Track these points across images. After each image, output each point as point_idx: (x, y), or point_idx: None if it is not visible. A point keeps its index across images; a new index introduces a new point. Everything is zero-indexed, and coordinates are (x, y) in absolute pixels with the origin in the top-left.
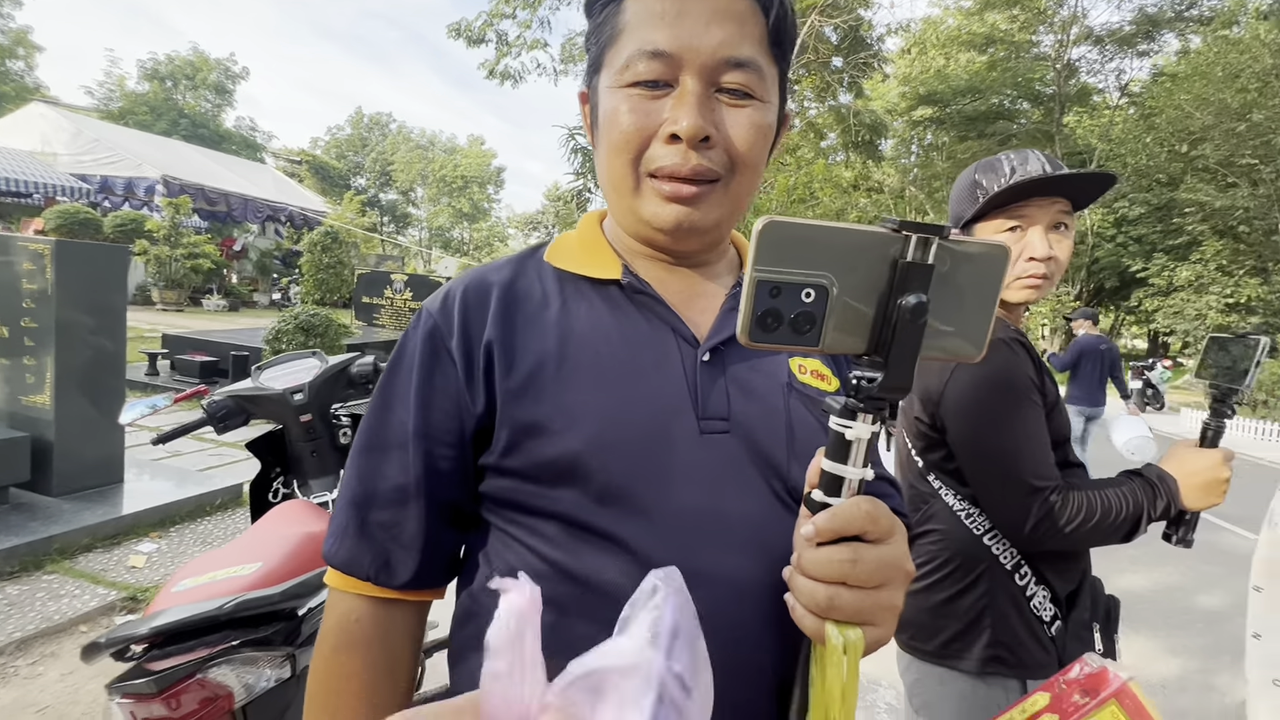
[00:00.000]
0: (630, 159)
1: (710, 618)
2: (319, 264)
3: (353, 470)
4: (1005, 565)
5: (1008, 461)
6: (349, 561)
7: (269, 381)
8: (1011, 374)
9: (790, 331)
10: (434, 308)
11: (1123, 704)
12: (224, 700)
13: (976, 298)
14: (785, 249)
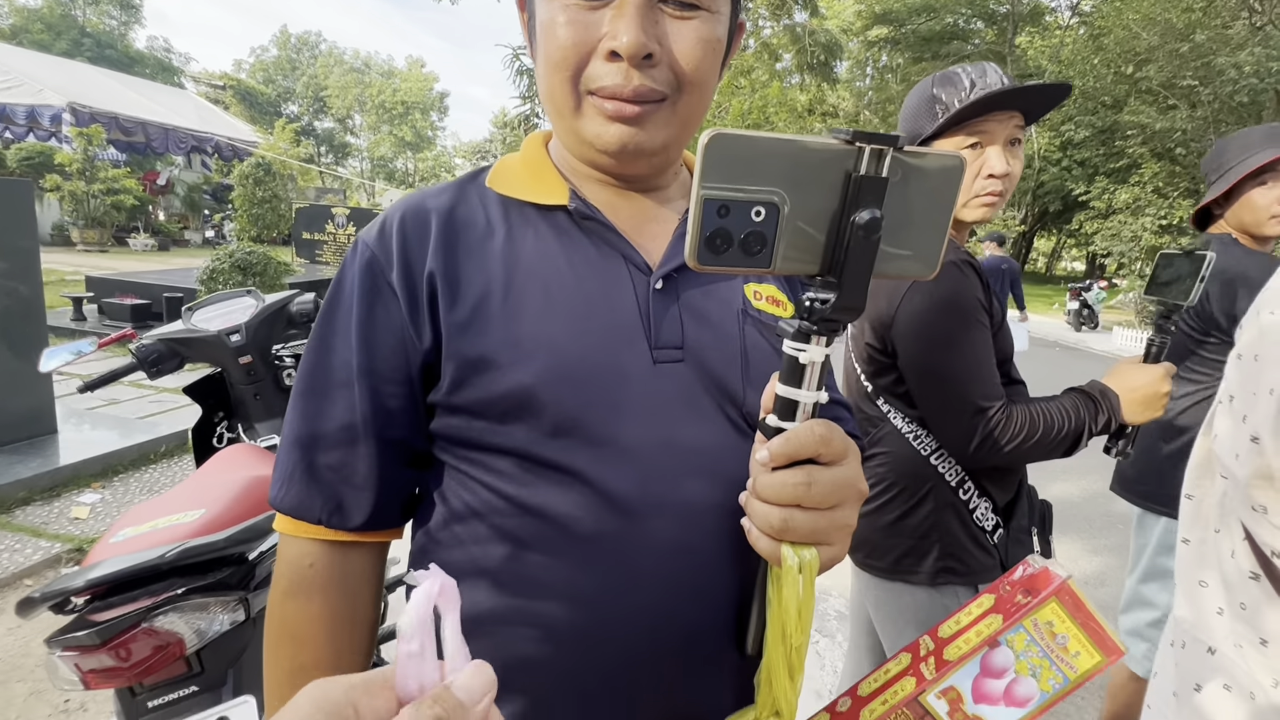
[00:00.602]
0: (569, 76)
1: (669, 544)
2: (253, 198)
3: (295, 412)
4: (950, 482)
5: (955, 383)
6: (298, 506)
7: (202, 323)
8: (961, 296)
9: (740, 253)
10: (370, 238)
11: (1062, 600)
12: (175, 647)
13: (930, 213)
14: (733, 164)
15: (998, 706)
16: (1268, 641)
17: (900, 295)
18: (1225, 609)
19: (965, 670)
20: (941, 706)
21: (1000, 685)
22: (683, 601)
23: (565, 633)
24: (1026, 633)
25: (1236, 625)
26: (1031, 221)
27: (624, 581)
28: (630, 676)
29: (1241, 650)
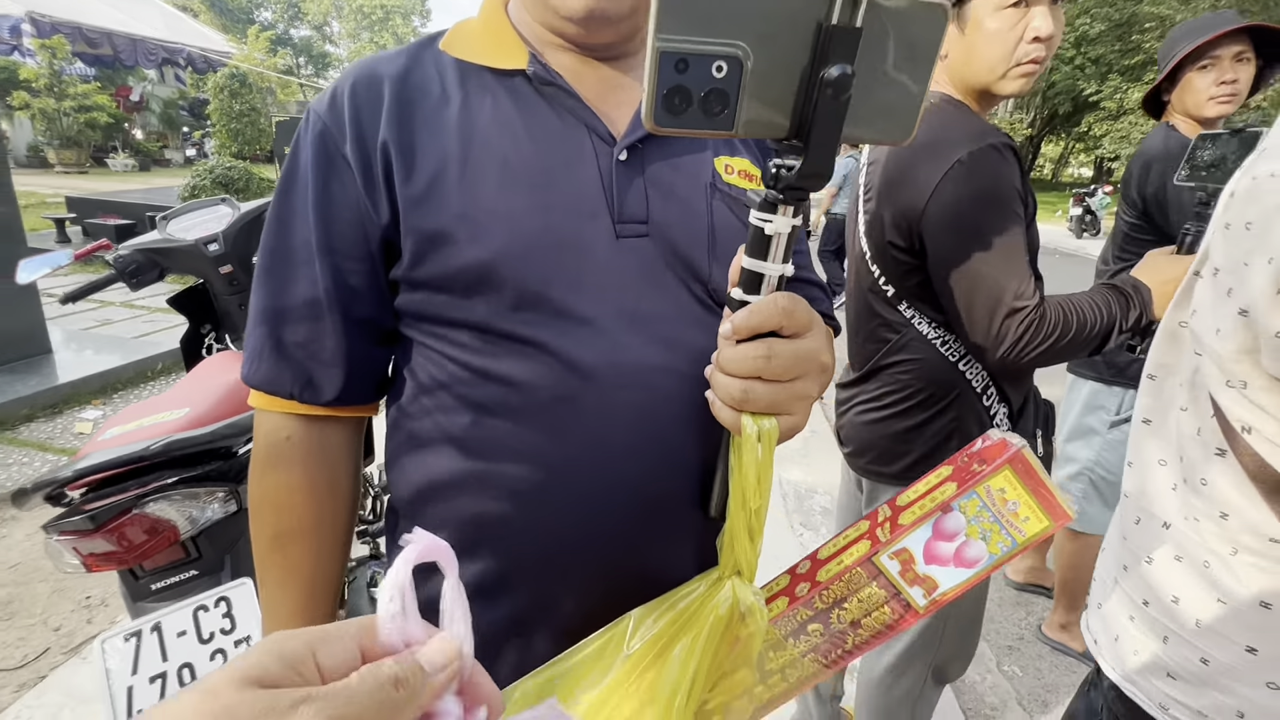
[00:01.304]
0: None
1: (631, 413)
2: (230, 111)
3: (260, 290)
4: (975, 388)
5: (988, 281)
6: (269, 381)
7: (179, 232)
8: (1000, 185)
9: (700, 113)
10: (322, 108)
11: (1015, 468)
12: (169, 533)
13: (909, 68)
14: (692, 12)
15: (947, 567)
16: (1228, 515)
17: (933, 185)
18: (1182, 485)
19: (918, 534)
20: (894, 566)
21: (950, 548)
22: (646, 467)
23: (529, 494)
24: (979, 499)
25: (1194, 500)
26: (1040, 125)
27: (586, 447)
28: (595, 538)
29: (1198, 523)
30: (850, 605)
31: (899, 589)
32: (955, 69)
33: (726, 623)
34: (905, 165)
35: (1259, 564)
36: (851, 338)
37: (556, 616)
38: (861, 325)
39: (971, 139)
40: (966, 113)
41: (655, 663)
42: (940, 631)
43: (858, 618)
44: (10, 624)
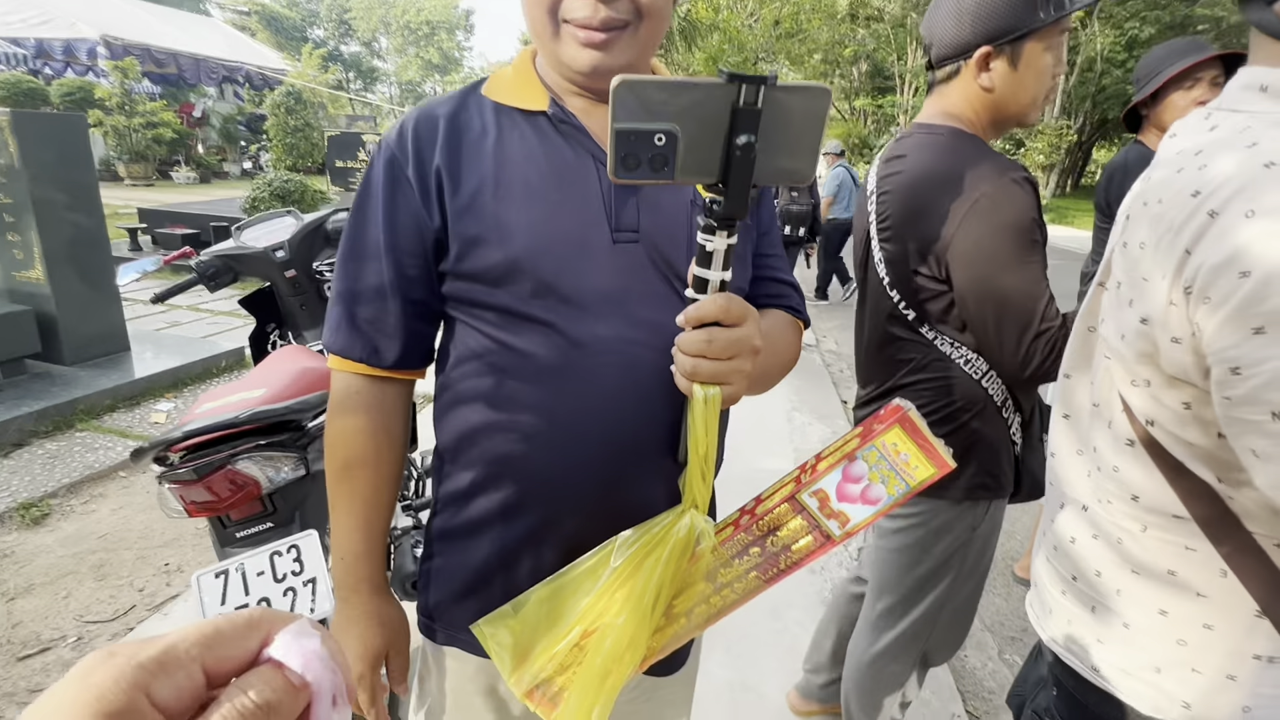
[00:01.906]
0: (547, 9)
1: (619, 377)
2: (286, 127)
3: (339, 275)
4: (996, 402)
5: (1015, 307)
6: (344, 348)
7: (250, 240)
8: (1022, 217)
9: (648, 169)
10: (391, 140)
11: (903, 426)
12: (253, 487)
13: (804, 131)
14: (638, 104)
15: (855, 504)
16: (1138, 497)
17: (959, 218)
18: (1095, 472)
19: (831, 477)
20: (813, 503)
21: (857, 489)
22: (628, 420)
23: (539, 440)
24: (877, 450)
25: (1107, 484)
26: (1089, 131)
27: (583, 403)
28: (588, 473)
29: (1111, 505)
30: (781, 533)
31: (818, 521)
32: (998, 103)
33: (685, 545)
34: (926, 198)
35: (1165, 538)
36: (867, 358)
37: (560, 535)
38: (879, 347)
39: (993, 173)
40: (980, 145)
41: (633, 575)
42: (934, 620)
43: (787, 544)
44: (103, 584)
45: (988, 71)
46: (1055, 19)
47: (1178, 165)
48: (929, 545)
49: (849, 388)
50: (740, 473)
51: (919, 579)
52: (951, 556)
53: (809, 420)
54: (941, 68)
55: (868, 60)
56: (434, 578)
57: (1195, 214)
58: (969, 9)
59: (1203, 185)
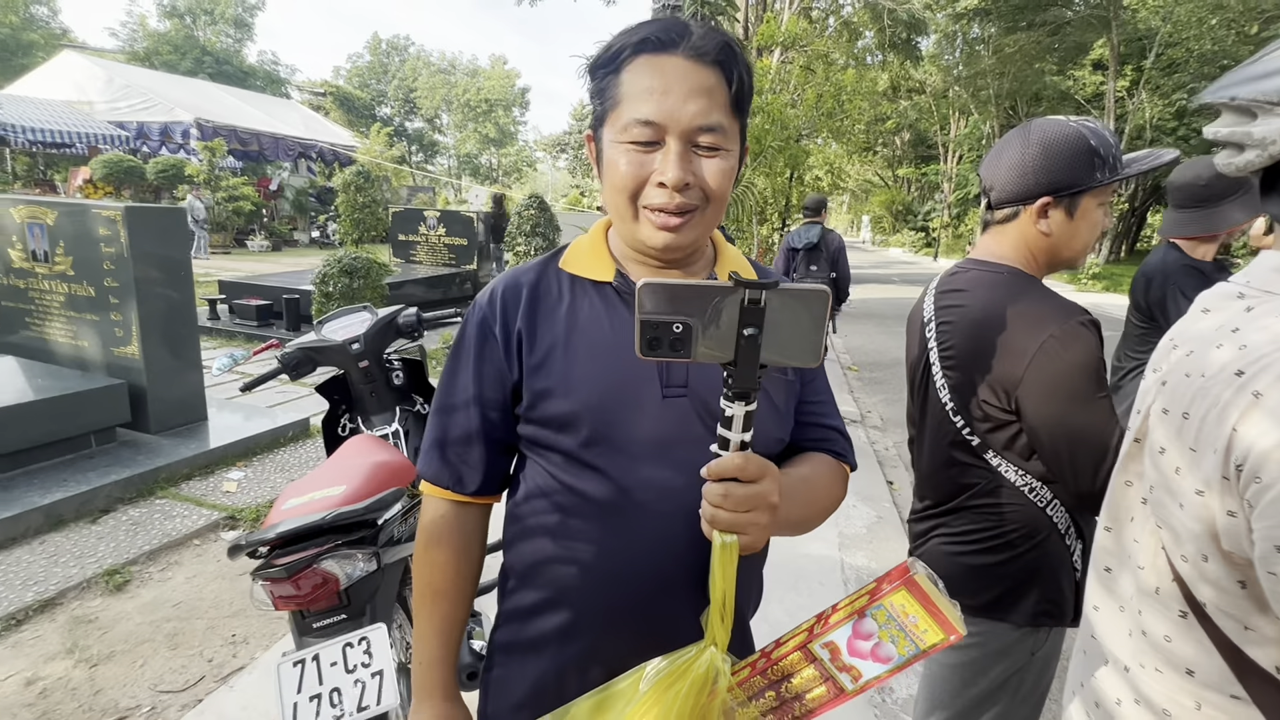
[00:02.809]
0: (629, 197)
1: (662, 519)
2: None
3: (434, 413)
4: (1060, 529)
5: (1089, 441)
6: (436, 476)
7: (330, 334)
8: (1090, 357)
9: (669, 349)
10: (484, 302)
11: (910, 590)
12: (333, 584)
13: (809, 323)
14: (659, 302)
15: (866, 660)
16: (1193, 672)
17: (1030, 356)
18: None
19: (841, 631)
20: (824, 654)
21: (867, 645)
22: (666, 557)
23: (594, 572)
24: (885, 610)
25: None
26: (1142, 197)
27: (631, 542)
28: (635, 605)
29: (1161, 675)
30: (795, 681)
31: (830, 673)
32: (1053, 247)
33: (703, 681)
34: (994, 334)
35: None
36: (927, 476)
37: (607, 655)
38: (939, 466)
39: (1061, 315)
40: (1042, 287)
41: (658, 702)
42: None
43: (800, 692)
44: (176, 653)
45: (1045, 219)
46: (1109, 181)
47: (1215, 341)
48: (986, 667)
49: (894, 468)
50: (785, 559)
51: (973, 699)
52: (1009, 679)
53: (853, 502)
54: (1001, 209)
55: (910, 130)
56: (494, 688)
57: (1240, 393)
58: (1033, 165)
59: (1245, 366)
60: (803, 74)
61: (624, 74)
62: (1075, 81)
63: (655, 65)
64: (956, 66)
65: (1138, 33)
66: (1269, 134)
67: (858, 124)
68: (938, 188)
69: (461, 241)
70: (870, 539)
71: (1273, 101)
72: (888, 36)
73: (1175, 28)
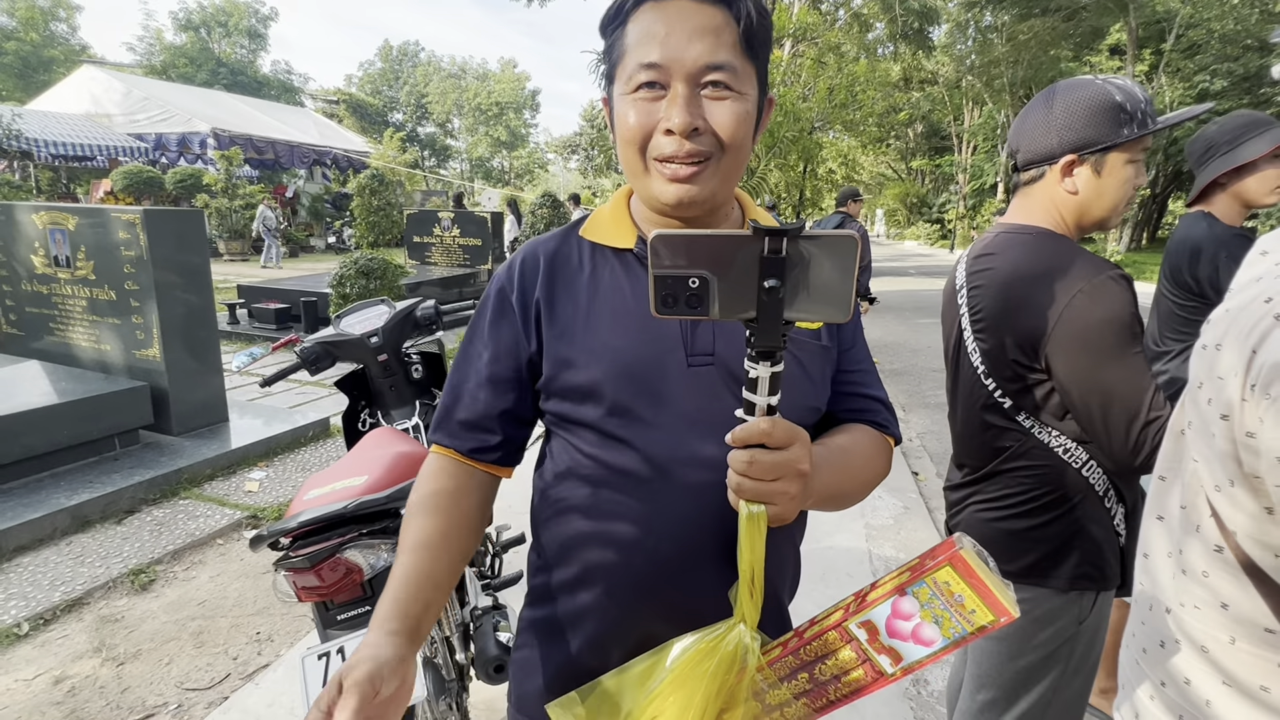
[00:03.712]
0: (638, 149)
1: (691, 490)
2: (369, 207)
3: (451, 376)
4: (1098, 491)
5: (1121, 397)
6: (441, 438)
7: (348, 328)
8: (1123, 311)
9: (686, 307)
10: (502, 273)
11: (955, 566)
12: (355, 574)
13: (836, 274)
14: (673, 254)
15: (907, 643)
16: (1228, 605)
17: (1059, 311)
18: (1180, 575)
19: (879, 609)
20: (862, 635)
21: (908, 626)
22: (696, 530)
23: (625, 543)
24: (929, 588)
25: (1195, 589)
26: (1163, 183)
27: (660, 514)
28: (664, 575)
29: (1199, 611)
30: (830, 662)
31: (868, 655)
32: (1082, 206)
33: (732, 659)
34: (1023, 293)
35: (1256, 652)
36: (962, 442)
37: (639, 631)
38: (974, 433)
39: (1090, 270)
40: (1071, 244)
41: (686, 681)
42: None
43: (837, 674)
44: (201, 651)
45: (1071, 177)
46: (1137, 136)
47: (1258, 274)
48: (1031, 635)
49: (918, 459)
50: (813, 551)
51: (1021, 671)
52: (1057, 650)
53: (879, 494)
54: (1027, 171)
55: (923, 121)
56: (524, 669)
57: (1264, 318)
58: (1058, 122)
59: (1275, 293)
60: (814, 66)
61: (629, 25)
62: (1092, 68)
63: (658, 10)
64: (969, 56)
65: (1156, 15)
66: None
67: (870, 116)
68: (952, 179)
69: (476, 242)
70: (898, 530)
71: None
72: (899, 27)
73: (1196, 8)
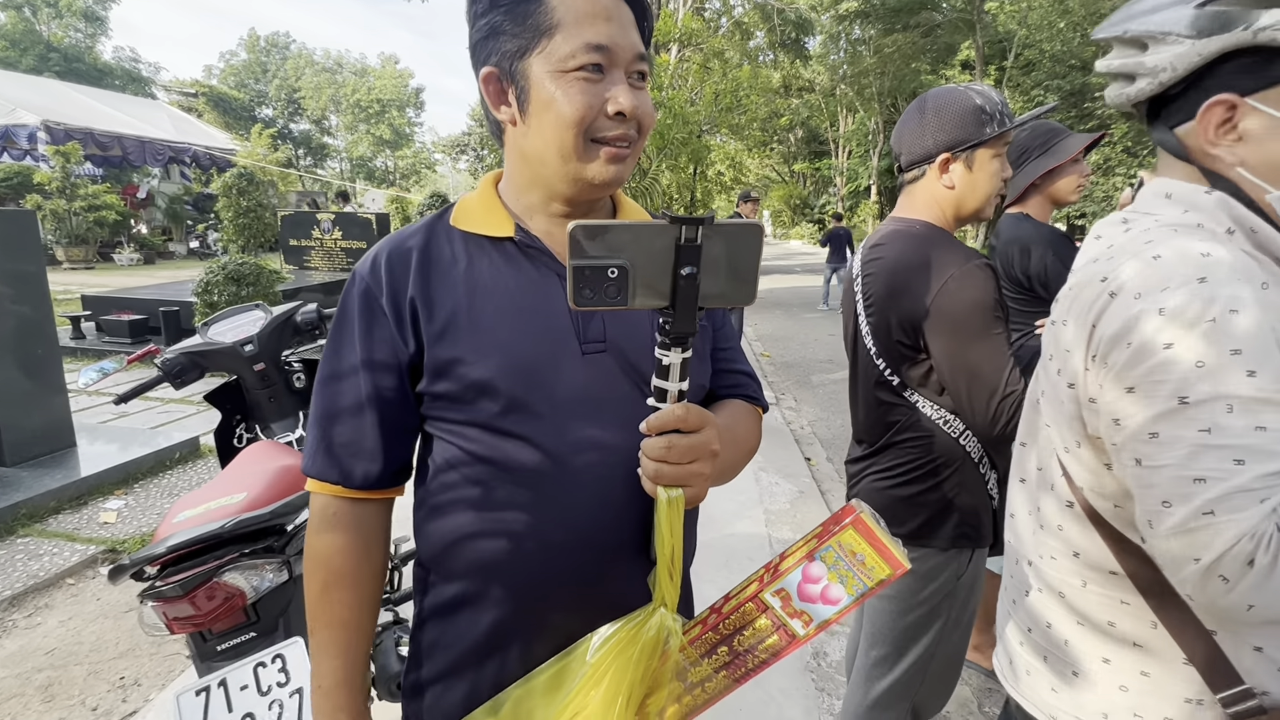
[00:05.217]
0: (582, 130)
1: (592, 482)
2: (238, 208)
3: (317, 401)
4: (974, 458)
5: (985, 375)
6: (321, 471)
7: (218, 336)
8: (987, 296)
9: (604, 297)
10: (365, 271)
11: (857, 529)
12: (238, 599)
13: (744, 260)
14: (593, 244)
15: (816, 604)
16: (1079, 554)
17: (933, 295)
18: (1038, 530)
19: (792, 577)
20: (776, 602)
21: (817, 589)
22: (602, 520)
23: (524, 546)
24: (834, 551)
25: (1051, 541)
26: None
27: (562, 509)
28: (571, 573)
29: (1055, 561)
30: (747, 633)
31: (783, 621)
32: (958, 199)
33: (654, 644)
34: (905, 279)
35: (1103, 593)
36: (859, 419)
37: (546, 634)
38: (868, 409)
39: (961, 259)
40: (947, 236)
41: (606, 674)
42: (924, 669)
43: (753, 644)
44: (51, 706)
45: (948, 173)
46: (999, 134)
47: (1094, 256)
48: (917, 591)
49: (810, 445)
50: (714, 539)
51: (910, 627)
52: (939, 605)
53: (776, 479)
54: (909, 171)
55: (803, 127)
56: (425, 691)
57: (1100, 295)
58: (931, 125)
59: (1109, 273)
60: (700, 71)
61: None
62: (947, 80)
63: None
64: (842, 66)
65: (998, 35)
66: (1160, 63)
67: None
68: (831, 182)
69: (360, 245)
70: (794, 513)
71: (1163, 32)
72: (778, 36)
73: (1029, 31)
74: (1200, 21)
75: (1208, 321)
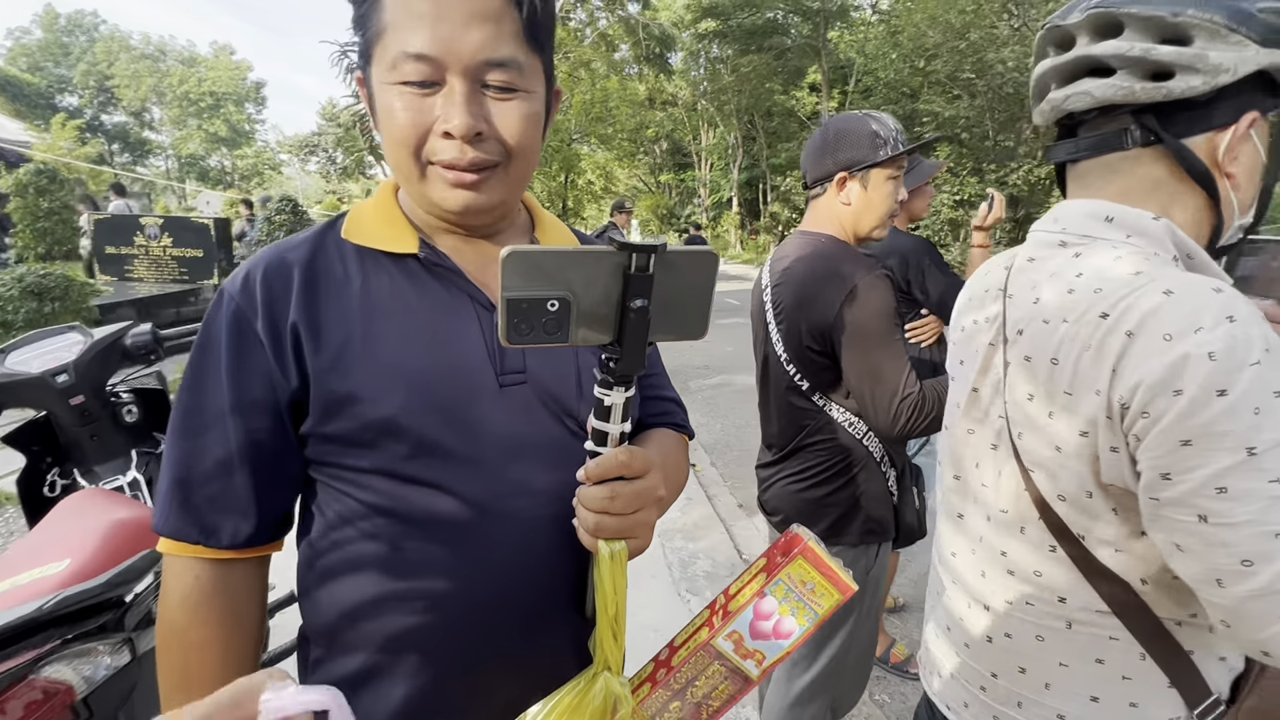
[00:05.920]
0: (411, 151)
1: (518, 532)
2: (36, 211)
3: (172, 448)
4: (876, 457)
5: (886, 378)
6: (178, 530)
7: (20, 365)
8: (886, 305)
9: (542, 333)
10: (235, 290)
11: (806, 558)
12: (64, 695)
13: (699, 291)
14: (529, 273)
15: (770, 641)
16: (1065, 599)
17: (839, 304)
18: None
19: (743, 617)
20: (728, 646)
21: (770, 625)
22: (532, 577)
23: (438, 607)
24: (784, 584)
25: (1023, 588)
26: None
27: (482, 565)
28: (496, 638)
29: (1032, 608)
30: (700, 683)
31: (736, 665)
32: (855, 215)
33: (601, 712)
34: (813, 290)
35: (1092, 632)
36: (770, 424)
37: (470, 707)
38: (780, 414)
39: (864, 270)
40: (850, 248)
41: None
42: (842, 662)
43: (707, 693)
44: None
45: (845, 190)
46: (891, 157)
47: (1064, 287)
48: None
49: (693, 450)
50: None
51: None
52: (852, 598)
53: None
54: (813, 188)
55: (668, 139)
56: None
57: (1111, 335)
58: (830, 147)
59: (1108, 309)
60: (568, 80)
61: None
62: (797, 101)
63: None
64: (702, 82)
65: (840, 62)
66: (1224, 61)
67: (622, 131)
68: (695, 193)
69: (196, 253)
70: (684, 520)
71: (1232, 27)
72: (643, 50)
73: (866, 59)
74: (1268, 29)
75: (1252, 365)
